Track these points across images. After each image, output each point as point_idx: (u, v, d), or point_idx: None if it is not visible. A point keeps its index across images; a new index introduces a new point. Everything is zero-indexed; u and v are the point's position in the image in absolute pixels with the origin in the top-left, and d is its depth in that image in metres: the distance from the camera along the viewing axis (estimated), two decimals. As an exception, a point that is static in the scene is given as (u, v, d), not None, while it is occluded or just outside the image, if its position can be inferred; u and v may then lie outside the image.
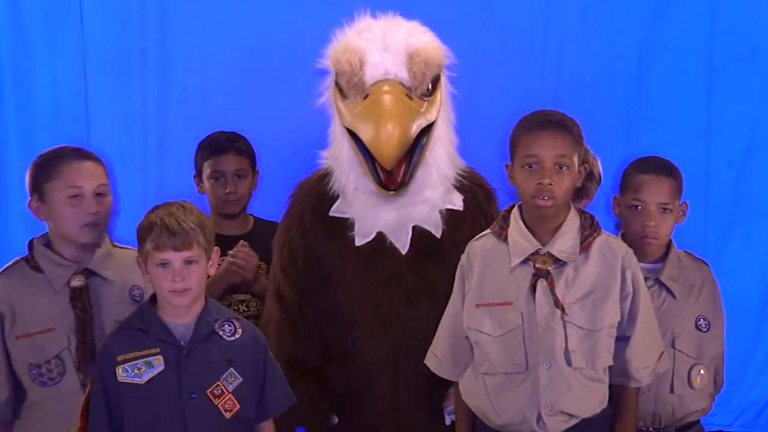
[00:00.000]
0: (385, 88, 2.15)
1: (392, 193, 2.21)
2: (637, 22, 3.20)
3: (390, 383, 2.32)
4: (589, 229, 2.10)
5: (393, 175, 2.20)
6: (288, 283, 2.38)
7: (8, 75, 3.09)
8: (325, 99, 2.38)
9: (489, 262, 2.11)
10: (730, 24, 3.20)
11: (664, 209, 2.33)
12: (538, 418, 2.01)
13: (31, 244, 2.28)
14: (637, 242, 2.32)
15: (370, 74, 2.18)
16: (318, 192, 2.39)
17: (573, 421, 2.02)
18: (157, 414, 1.98)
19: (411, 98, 2.18)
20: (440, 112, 2.28)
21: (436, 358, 2.21)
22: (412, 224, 2.31)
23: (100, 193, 2.23)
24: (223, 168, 2.70)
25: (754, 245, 3.29)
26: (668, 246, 2.39)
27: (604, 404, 2.07)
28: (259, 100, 3.12)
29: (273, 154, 2.94)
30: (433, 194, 2.32)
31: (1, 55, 3.07)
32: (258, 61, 3.12)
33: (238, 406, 2.02)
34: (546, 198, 2.02)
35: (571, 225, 2.09)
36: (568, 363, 2.00)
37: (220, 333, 2.06)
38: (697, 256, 2.47)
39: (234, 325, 2.09)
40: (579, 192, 2.63)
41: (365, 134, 2.14)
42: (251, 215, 2.83)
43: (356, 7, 2.34)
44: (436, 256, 2.30)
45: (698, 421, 2.38)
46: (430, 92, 2.24)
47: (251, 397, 2.06)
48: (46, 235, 2.29)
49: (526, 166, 2.04)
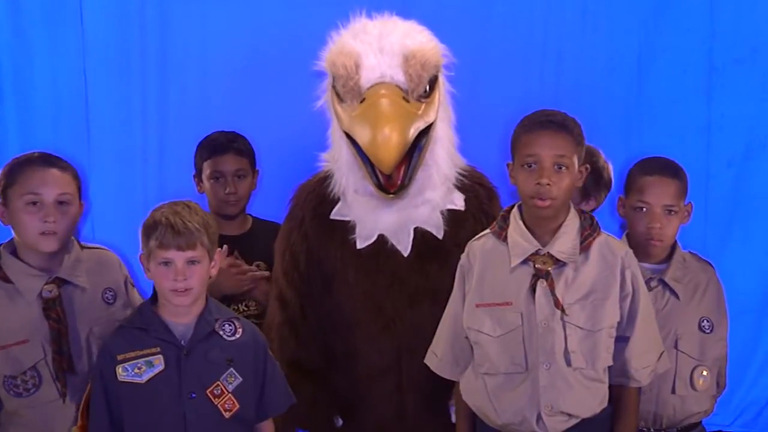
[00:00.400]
0: (382, 92, 2.13)
1: (392, 196, 2.20)
2: (637, 22, 3.19)
3: (394, 385, 2.32)
4: (589, 230, 2.09)
5: (392, 178, 2.18)
6: (290, 286, 2.38)
7: (8, 75, 3.08)
8: (323, 102, 2.37)
9: (489, 262, 2.11)
10: (730, 24, 3.19)
11: (669, 211, 2.32)
12: (538, 418, 2.01)
13: None
14: (642, 244, 2.32)
15: (366, 78, 2.16)
16: (318, 195, 2.38)
17: (573, 421, 2.03)
18: (157, 413, 1.98)
19: (408, 101, 2.16)
20: (439, 112, 2.25)
21: (437, 358, 2.21)
22: (414, 226, 2.30)
23: (62, 201, 2.14)
24: (223, 168, 2.70)
25: (754, 245, 3.29)
26: (673, 246, 2.37)
27: (604, 404, 2.08)
28: (259, 100, 3.11)
29: (273, 154, 2.94)
30: (434, 195, 2.31)
31: (1, 55, 3.07)
32: (258, 61, 3.11)
33: (238, 406, 2.03)
34: (544, 199, 2.02)
35: (571, 225, 2.09)
36: (568, 363, 2.00)
37: (221, 333, 2.06)
38: (702, 257, 2.46)
39: (234, 324, 2.09)
40: (586, 192, 2.63)
41: (363, 139, 2.12)
42: (250, 215, 2.83)
43: (356, 8, 2.34)
44: (439, 257, 2.29)
45: (700, 422, 2.38)
46: (428, 93, 2.21)
47: (251, 397, 2.07)
48: (11, 242, 2.20)
49: (526, 165, 2.04)
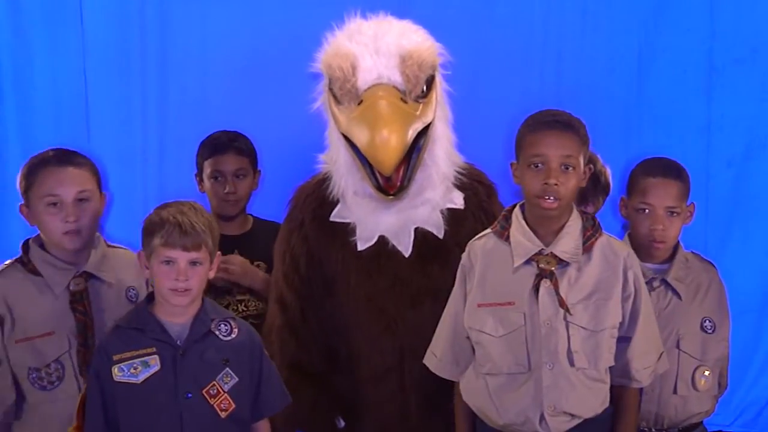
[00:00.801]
0: (380, 94, 2.12)
1: (392, 197, 2.19)
2: (637, 22, 3.19)
3: (397, 385, 2.31)
4: (591, 230, 2.09)
5: (392, 180, 2.17)
6: (290, 289, 2.38)
7: (8, 75, 3.08)
8: (320, 104, 2.36)
9: (491, 262, 2.11)
10: (730, 24, 3.19)
11: (672, 212, 2.31)
12: (541, 418, 2.01)
13: (26, 246, 2.24)
14: (644, 245, 2.32)
15: (363, 79, 2.15)
16: (318, 197, 2.37)
17: (575, 422, 2.03)
18: (153, 413, 1.98)
19: (406, 102, 2.15)
20: (436, 111, 2.24)
21: (436, 358, 2.20)
22: (414, 226, 2.29)
23: (82, 198, 2.17)
24: (223, 168, 2.70)
25: (754, 245, 3.29)
26: (675, 246, 2.37)
27: (606, 404, 2.08)
28: (259, 100, 3.11)
29: (273, 154, 2.93)
30: (434, 195, 2.30)
31: (1, 55, 3.06)
32: (258, 61, 3.11)
33: (234, 406, 2.02)
34: (552, 199, 2.01)
35: (574, 226, 2.08)
36: (571, 363, 2.00)
37: (216, 333, 2.06)
38: (704, 257, 2.45)
39: (230, 324, 2.08)
40: (583, 197, 2.62)
41: (361, 141, 2.11)
42: (251, 215, 2.82)
43: (356, 8, 2.33)
44: (440, 256, 2.29)
45: (701, 422, 2.38)
46: (425, 93, 2.20)
47: (247, 397, 2.06)
48: (39, 236, 2.25)
49: (532, 166, 2.03)
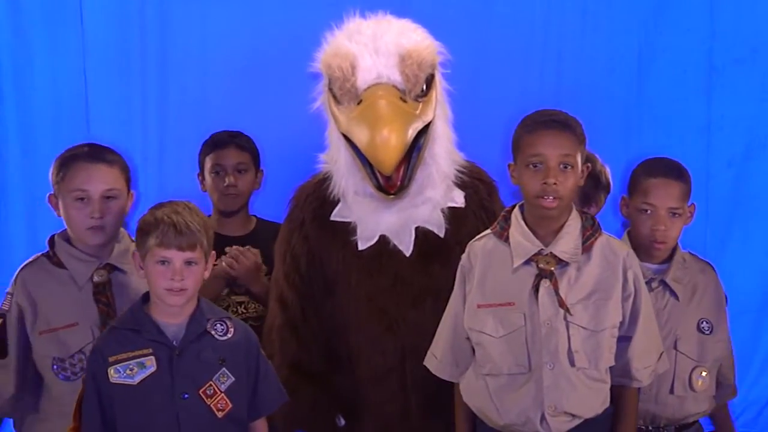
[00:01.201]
0: (379, 93, 2.12)
1: (392, 197, 2.19)
2: (637, 22, 3.20)
3: (398, 385, 2.31)
4: (591, 230, 2.09)
5: (392, 179, 2.17)
6: (291, 288, 2.37)
7: (8, 75, 3.08)
8: (319, 103, 2.36)
9: (490, 263, 2.10)
10: (730, 24, 3.19)
11: (674, 213, 2.30)
12: (542, 418, 2.00)
13: (52, 241, 2.28)
14: (645, 245, 2.31)
15: (363, 79, 2.15)
16: (318, 197, 2.37)
17: (576, 422, 2.02)
18: (150, 414, 1.97)
19: (405, 101, 2.15)
20: (436, 110, 2.24)
21: (436, 359, 2.20)
22: (415, 225, 2.29)
23: (109, 196, 2.22)
24: (224, 162, 2.70)
25: (754, 245, 3.29)
26: (674, 247, 2.36)
27: (606, 404, 2.07)
28: (259, 100, 3.11)
29: (273, 154, 2.93)
30: (434, 194, 2.30)
31: (1, 55, 3.07)
32: (258, 61, 3.11)
33: (231, 406, 2.02)
34: (551, 198, 2.01)
35: (573, 225, 2.08)
36: (572, 363, 2.00)
37: (213, 332, 2.05)
38: (702, 257, 2.45)
39: (226, 324, 2.08)
40: (586, 197, 2.62)
41: (361, 141, 2.11)
42: (254, 216, 2.82)
43: (356, 8, 2.33)
44: (441, 255, 2.28)
45: (697, 421, 2.38)
46: (425, 92, 2.20)
47: (244, 397, 2.06)
48: (66, 231, 2.30)
49: (531, 166, 2.03)
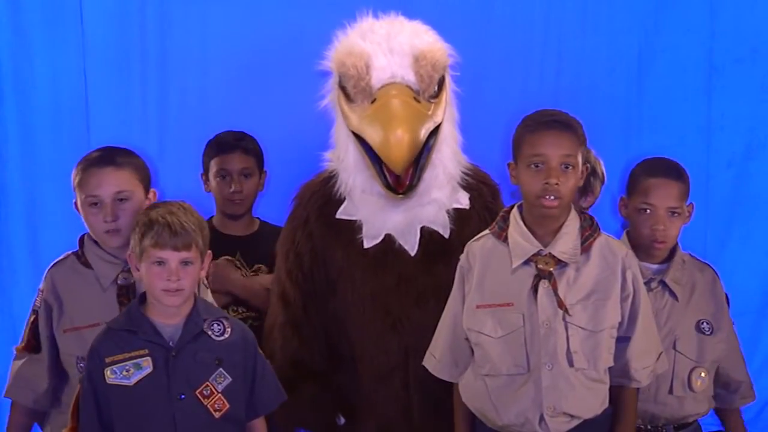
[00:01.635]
0: (393, 92, 2.14)
1: (401, 196, 2.20)
2: (637, 22, 3.20)
3: (401, 385, 2.31)
4: (590, 230, 2.09)
5: (401, 179, 2.19)
6: (293, 286, 2.38)
7: (8, 75, 3.08)
8: (327, 101, 2.36)
9: (489, 263, 2.10)
10: (730, 24, 3.20)
11: (673, 213, 2.30)
12: (541, 419, 2.00)
13: (81, 240, 2.29)
14: (645, 245, 2.31)
15: (377, 78, 2.17)
16: (323, 195, 2.38)
17: (575, 422, 2.02)
18: (147, 415, 1.98)
19: (419, 101, 2.17)
20: (445, 112, 2.26)
21: (435, 359, 2.20)
22: (420, 225, 2.30)
23: (121, 198, 2.20)
24: (229, 167, 2.70)
25: (754, 245, 3.29)
26: (674, 247, 2.36)
27: (606, 405, 2.07)
28: (260, 101, 3.11)
29: (273, 154, 2.92)
30: (440, 194, 2.31)
31: (1, 55, 3.07)
32: (258, 61, 3.11)
33: (228, 406, 2.02)
34: (552, 198, 2.01)
35: (572, 226, 2.08)
36: (570, 364, 2.00)
37: (209, 333, 2.05)
38: (701, 259, 2.45)
39: (223, 324, 2.08)
40: (583, 189, 2.63)
41: (374, 139, 2.13)
42: (258, 218, 2.82)
43: (357, 7, 2.34)
44: (445, 256, 2.28)
45: (696, 421, 2.37)
46: (437, 94, 2.23)
47: (241, 397, 2.06)
48: None
49: (532, 166, 2.03)
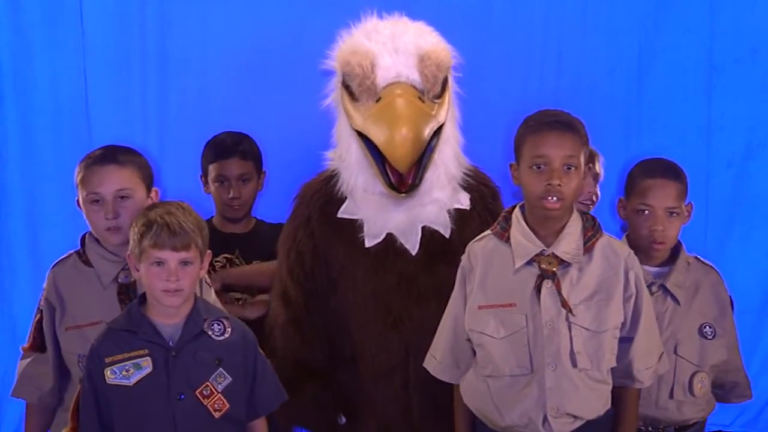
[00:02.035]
0: (398, 92, 2.15)
1: (403, 195, 2.21)
2: (637, 22, 3.20)
3: (401, 384, 2.32)
4: (592, 231, 2.09)
5: (404, 178, 2.19)
6: (295, 285, 2.38)
7: (8, 75, 3.09)
8: (330, 100, 2.37)
9: (491, 264, 2.10)
10: (730, 24, 3.20)
11: (672, 213, 2.29)
12: (544, 419, 2.00)
13: (83, 239, 2.28)
14: (644, 246, 2.30)
15: (382, 77, 2.18)
16: (325, 194, 2.38)
17: (578, 423, 2.02)
18: (147, 415, 1.97)
19: (423, 101, 2.18)
20: (448, 112, 2.27)
21: (436, 361, 2.19)
22: (422, 225, 2.30)
23: (123, 196, 2.19)
24: (227, 173, 2.70)
25: (754, 245, 3.29)
26: (677, 249, 2.35)
27: (608, 406, 2.07)
28: (259, 101, 3.11)
29: (273, 154, 2.92)
30: (442, 194, 2.32)
31: (1, 54, 3.07)
32: (258, 61, 3.11)
33: (228, 406, 2.01)
34: (555, 199, 2.00)
35: (575, 226, 2.07)
36: (574, 364, 1.99)
37: (209, 332, 2.04)
38: (706, 261, 2.43)
39: (223, 324, 2.07)
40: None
41: (379, 138, 2.14)
42: (254, 218, 2.82)
43: (357, 7, 2.34)
44: (446, 255, 2.28)
45: (698, 421, 2.36)
46: (440, 94, 2.24)
47: (241, 397, 2.05)
48: None
49: (534, 167, 2.02)
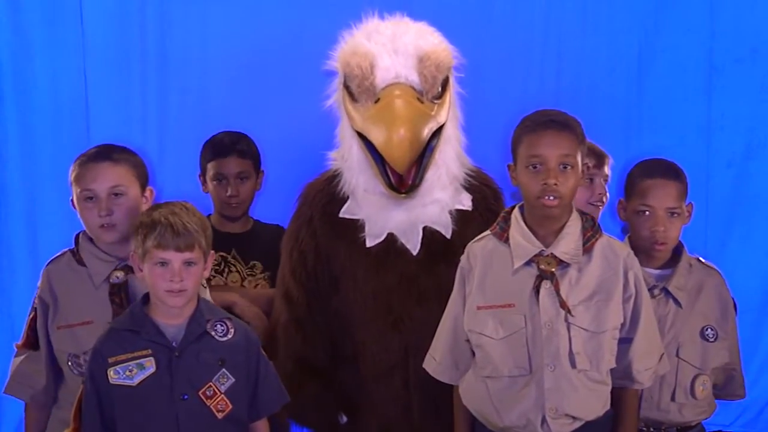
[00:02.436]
0: (397, 92, 2.15)
1: (403, 196, 2.21)
2: (637, 22, 3.21)
3: (401, 383, 2.32)
4: (591, 231, 2.08)
5: (404, 178, 2.20)
6: (297, 284, 2.38)
7: (8, 75, 3.09)
8: (332, 101, 2.37)
9: (490, 264, 2.09)
10: (730, 24, 3.21)
11: (672, 213, 2.28)
12: (543, 420, 1.99)
13: (77, 238, 2.28)
14: (646, 247, 2.29)
15: (381, 78, 2.18)
16: (327, 194, 2.39)
17: (577, 424, 2.01)
18: (150, 415, 1.97)
19: (422, 101, 2.18)
20: (449, 113, 2.28)
21: (435, 362, 2.19)
22: (423, 225, 2.30)
23: (117, 193, 2.19)
24: (225, 171, 2.70)
25: (754, 245, 3.30)
26: (677, 251, 2.34)
27: (607, 407, 2.07)
28: (259, 101, 3.12)
29: (272, 154, 2.93)
30: (443, 195, 2.32)
31: (1, 55, 3.07)
32: (258, 61, 3.12)
33: (231, 407, 2.01)
34: (552, 198, 2.00)
35: (574, 226, 2.07)
36: (573, 365, 1.99)
37: (212, 333, 2.04)
38: (708, 262, 2.41)
39: (226, 325, 2.07)
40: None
41: (377, 139, 2.14)
42: (251, 218, 2.82)
43: (357, 8, 2.34)
44: (447, 256, 2.28)
45: (699, 423, 2.36)
46: (440, 94, 2.24)
47: (244, 397, 2.05)
48: None
49: (531, 167, 2.02)
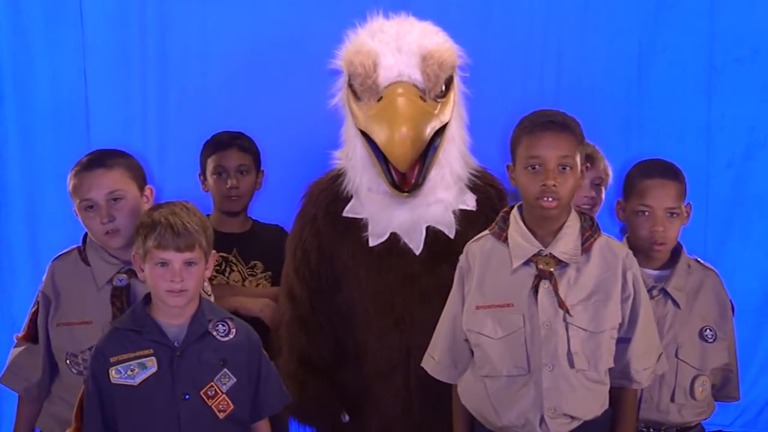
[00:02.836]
0: (399, 91, 2.16)
1: (406, 194, 2.22)
2: (637, 22, 3.21)
3: (402, 383, 2.32)
4: (590, 231, 2.08)
5: (407, 177, 2.20)
6: (300, 283, 2.39)
7: (8, 75, 3.09)
8: (337, 100, 2.37)
9: (489, 264, 2.09)
10: (730, 24, 3.21)
11: (671, 213, 2.28)
12: (541, 420, 1.99)
13: (85, 236, 2.28)
14: (645, 248, 2.29)
15: (384, 76, 2.19)
16: (331, 193, 2.39)
17: (575, 424, 2.02)
18: (151, 415, 1.97)
19: (425, 100, 2.18)
20: (453, 112, 2.28)
21: (434, 361, 2.19)
22: (426, 225, 2.30)
23: (115, 198, 2.20)
24: (226, 163, 2.71)
25: (754, 245, 3.30)
26: (676, 251, 2.33)
27: (605, 406, 2.07)
28: (259, 101, 3.12)
29: (273, 154, 2.93)
30: (447, 195, 2.32)
31: (1, 55, 3.07)
32: (258, 61, 3.12)
33: (233, 407, 2.01)
34: (550, 199, 2.00)
35: (572, 226, 2.07)
36: (571, 365, 1.99)
37: (214, 333, 2.04)
38: (706, 263, 2.41)
39: (228, 325, 2.07)
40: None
41: (379, 137, 2.15)
42: (250, 218, 2.83)
43: (357, 8, 2.34)
44: (450, 256, 2.26)
45: (699, 423, 2.35)
46: (444, 93, 2.24)
47: (245, 398, 2.05)
48: None
49: (529, 168, 2.02)
